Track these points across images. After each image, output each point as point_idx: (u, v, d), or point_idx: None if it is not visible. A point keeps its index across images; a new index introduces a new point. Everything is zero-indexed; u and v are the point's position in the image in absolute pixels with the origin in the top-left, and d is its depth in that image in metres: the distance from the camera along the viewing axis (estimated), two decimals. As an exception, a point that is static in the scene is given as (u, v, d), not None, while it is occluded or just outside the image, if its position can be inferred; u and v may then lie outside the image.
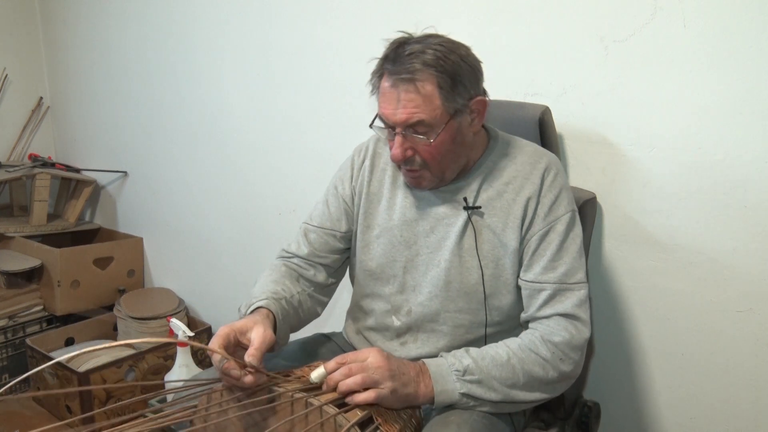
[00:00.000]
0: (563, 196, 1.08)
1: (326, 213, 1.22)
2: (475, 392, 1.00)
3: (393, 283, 1.15)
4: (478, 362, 1.00)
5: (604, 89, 1.28)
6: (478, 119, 1.07)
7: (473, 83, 1.03)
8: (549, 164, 1.09)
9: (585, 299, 1.06)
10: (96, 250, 2.45)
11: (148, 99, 2.41)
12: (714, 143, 1.18)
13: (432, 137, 1.01)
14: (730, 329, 1.22)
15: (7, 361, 2.25)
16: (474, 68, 1.04)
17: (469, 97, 1.03)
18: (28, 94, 2.81)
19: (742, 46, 1.12)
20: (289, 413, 0.93)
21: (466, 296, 1.09)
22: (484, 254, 1.08)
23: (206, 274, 2.36)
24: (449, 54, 0.99)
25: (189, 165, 2.32)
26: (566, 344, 1.02)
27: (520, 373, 1.01)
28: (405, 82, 0.99)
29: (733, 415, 1.25)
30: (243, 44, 2.00)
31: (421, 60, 0.98)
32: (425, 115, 0.99)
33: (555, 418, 1.26)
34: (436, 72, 0.98)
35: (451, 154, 1.06)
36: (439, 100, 0.99)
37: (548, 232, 1.06)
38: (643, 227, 1.29)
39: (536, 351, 1.02)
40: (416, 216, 1.13)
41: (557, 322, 1.04)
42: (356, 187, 1.20)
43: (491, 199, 1.09)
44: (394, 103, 1.01)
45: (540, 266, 1.05)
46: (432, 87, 0.99)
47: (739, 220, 1.17)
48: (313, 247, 1.21)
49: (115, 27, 2.46)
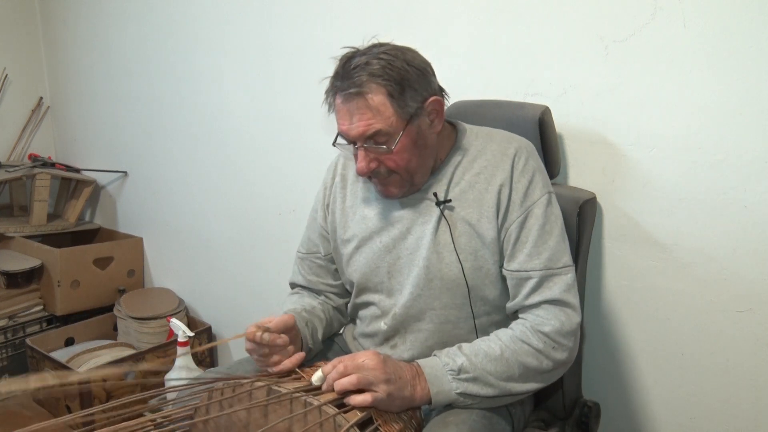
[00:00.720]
0: (537, 179, 1.07)
1: (311, 240, 1.28)
2: (471, 390, 0.99)
3: (380, 289, 1.15)
4: (471, 359, 1.00)
5: (604, 89, 1.28)
6: (437, 119, 1.07)
7: (424, 85, 1.03)
8: (518, 149, 1.08)
9: (572, 283, 1.04)
10: (96, 250, 2.45)
11: (148, 99, 2.42)
12: (714, 143, 1.18)
13: (392, 145, 1.02)
14: (730, 329, 1.22)
15: (7, 361, 2.25)
16: (422, 70, 1.03)
17: (422, 100, 1.03)
18: (28, 94, 2.82)
19: (742, 46, 1.12)
20: (288, 413, 0.93)
21: (448, 291, 1.09)
22: (461, 247, 1.07)
23: (206, 274, 2.36)
24: (394, 61, 1.00)
25: (189, 165, 2.32)
26: (557, 332, 1.01)
27: (515, 366, 1.00)
28: (354, 96, 0.99)
29: (733, 415, 1.25)
30: (243, 44, 2.00)
31: (367, 72, 0.99)
32: (381, 125, 1.00)
33: (555, 417, 1.26)
34: (384, 81, 0.99)
35: (416, 159, 1.05)
36: (391, 109, 1.00)
37: (527, 218, 1.05)
38: (643, 227, 1.29)
39: (528, 342, 1.01)
40: (392, 221, 1.13)
41: (546, 310, 1.03)
42: (329, 205, 1.22)
43: (463, 191, 1.08)
44: (349, 118, 1.01)
45: (524, 254, 1.04)
46: (382, 96, 0.99)
47: (740, 221, 1.17)
48: (307, 275, 1.27)
49: (115, 27, 2.46)
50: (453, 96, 1.41)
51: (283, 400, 0.94)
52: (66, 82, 2.78)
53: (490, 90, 1.45)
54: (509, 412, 1.12)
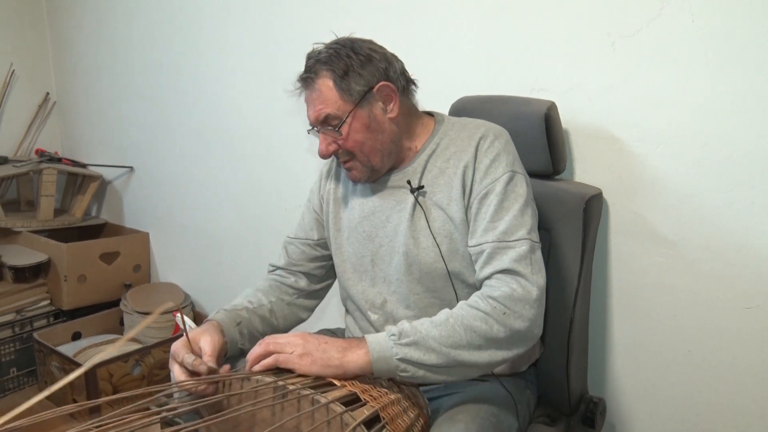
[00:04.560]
0: (501, 159, 1.07)
1: (301, 224, 1.31)
2: (412, 356, 0.95)
3: (365, 278, 1.17)
4: (415, 325, 0.97)
5: (610, 85, 1.28)
6: (394, 105, 1.11)
7: (370, 71, 1.09)
8: (486, 133, 1.10)
9: (526, 254, 1.01)
10: (102, 245, 2.46)
11: (154, 94, 2.42)
12: (722, 139, 1.17)
13: (341, 126, 1.09)
14: (736, 326, 1.22)
15: (15, 355, 2.26)
16: (367, 57, 1.09)
17: (367, 84, 1.08)
18: (34, 89, 2.83)
19: (750, 42, 1.11)
20: (295, 410, 0.93)
21: (428, 276, 1.10)
22: (437, 231, 1.09)
23: (212, 269, 2.37)
24: (340, 50, 1.09)
25: (195, 160, 2.32)
26: (507, 298, 0.97)
27: (461, 330, 0.96)
28: (308, 82, 1.10)
29: (739, 412, 1.25)
30: (249, 40, 2.00)
31: (316, 60, 1.09)
32: (329, 109, 1.08)
33: (560, 413, 1.26)
34: (329, 68, 1.07)
35: (371, 142, 1.10)
36: (336, 93, 1.08)
37: (486, 194, 1.05)
38: (650, 224, 1.28)
39: (475, 306, 0.98)
40: (372, 209, 1.16)
41: (497, 279, 1.00)
42: (324, 195, 1.27)
43: (435, 177, 1.11)
44: (308, 104, 1.11)
45: (480, 229, 1.05)
46: (328, 81, 1.08)
47: (747, 217, 1.17)
48: (290, 258, 1.30)
49: (121, 23, 2.47)
50: (459, 92, 1.42)
51: (291, 399, 0.94)
52: (72, 77, 2.79)
53: (496, 86, 1.45)
54: (516, 409, 1.12)
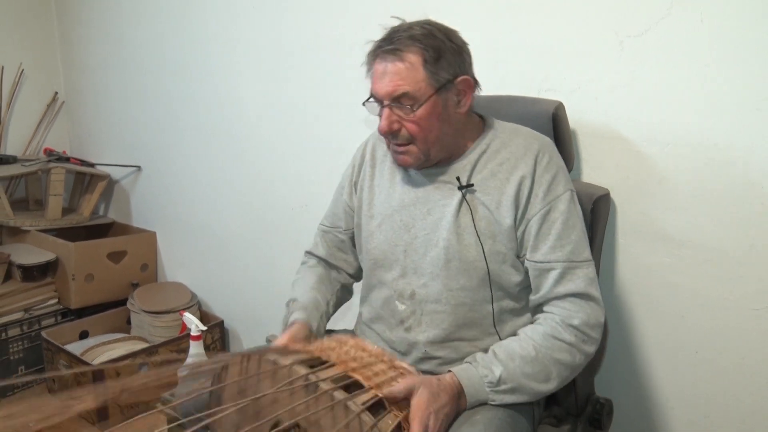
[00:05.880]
0: (560, 177, 1.10)
1: (335, 214, 1.32)
2: (507, 401, 1.02)
3: (395, 268, 1.16)
4: (508, 367, 1.02)
5: (618, 85, 1.27)
6: (465, 100, 1.10)
7: (459, 62, 1.07)
8: (542, 146, 1.11)
9: (594, 277, 1.08)
10: (110, 245, 2.47)
11: (162, 94, 2.43)
12: (730, 140, 1.16)
13: (416, 108, 1.06)
14: (745, 327, 1.21)
15: (23, 353, 2.28)
16: (460, 48, 1.08)
17: (453, 74, 1.06)
18: (43, 89, 2.84)
19: (760, 41, 1.10)
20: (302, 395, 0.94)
21: (466, 273, 1.10)
22: (481, 230, 1.09)
23: (219, 268, 2.38)
24: (435, 31, 1.06)
25: (202, 160, 2.33)
26: (585, 324, 1.04)
27: (551, 364, 1.03)
28: (391, 53, 1.05)
29: (747, 414, 1.24)
30: (256, 39, 2.01)
31: (408, 34, 1.05)
32: (409, 87, 1.04)
33: (567, 414, 1.26)
34: (422, 45, 1.04)
35: (436, 131, 1.08)
36: (423, 73, 1.04)
37: (549, 211, 1.07)
38: (658, 224, 1.28)
39: (560, 338, 1.04)
40: (413, 200, 1.16)
41: (573, 303, 1.05)
42: (357, 183, 1.26)
43: (485, 179, 1.11)
44: (381, 77, 1.07)
45: (547, 246, 1.06)
46: (417, 58, 1.04)
47: (755, 218, 1.16)
48: (329, 248, 1.31)
49: (129, 23, 2.48)
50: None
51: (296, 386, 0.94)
52: (81, 77, 2.80)
53: (504, 85, 1.44)
54: (532, 412, 1.13)
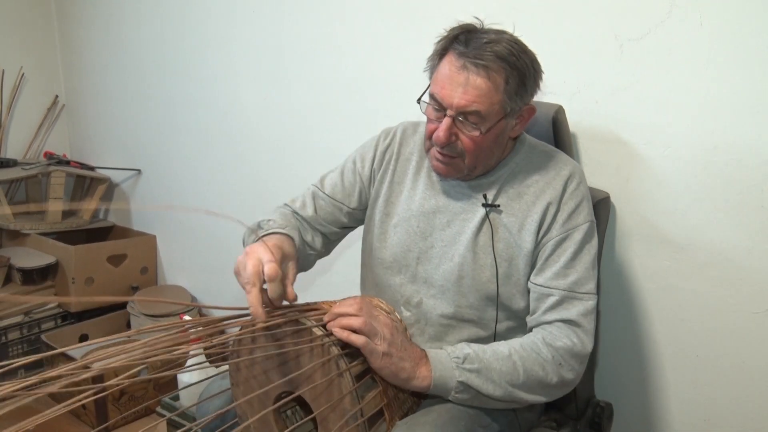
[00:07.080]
0: (584, 206, 1.08)
1: (339, 184, 1.22)
2: (473, 382, 0.97)
3: (405, 273, 1.14)
4: (478, 353, 0.99)
5: (618, 88, 1.28)
6: (519, 126, 1.08)
7: (533, 91, 1.04)
8: (572, 172, 1.09)
9: (592, 310, 1.05)
10: (110, 248, 2.47)
11: (162, 97, 2.43)
12: (730, 142, 1.16)
13: (481, 128, 1.00)
14: (745, 330, 1.21)
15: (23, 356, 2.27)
16: (538, 75, 1.03)
17: (525, 103, 1.03)
18: (43, 92, 2.84)
19: (759, 44, 1.11)
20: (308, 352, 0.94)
21: (476, 293, 1.08)
22: (499, 252, 1.07)
23: (218, 272, 2.37)
24: (522, 54, 0.99)
25: (202, 163, 2.33)
26: (567, 351, 1.01)
27: (521, 370, 0.99)
28: (477, 67, 0.97)
29: (748, 417, 1.24)
30: (256, 42, 2.01)
31: (494, 50, 0.97)
32: (483, 108, 0.98)
33: (567, 418, 1.25)
34: (509, 67, 0.98)
35: (488, 152, 1.05)
36: (500, 96, 0.99)
37: (565, 239, 1.05)
38: (658, 227, 1.28)
39: (538, 351, 1.01)
40: (434, 208, 1.13)
41: (560, 329, 1.03)
42: (376, 170, 1.20)
43: (510, 199, 1.09)
44: (455, 86, 0.98)
45: (552, 271, 1.05)
46: (500, 80, 0.98)
47: (755, 221, 1.16)
48: (317, 213, 1.21)
49: (129, 26, 2.48)
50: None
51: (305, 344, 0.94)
52: (81, 80, 2.81)
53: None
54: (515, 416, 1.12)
